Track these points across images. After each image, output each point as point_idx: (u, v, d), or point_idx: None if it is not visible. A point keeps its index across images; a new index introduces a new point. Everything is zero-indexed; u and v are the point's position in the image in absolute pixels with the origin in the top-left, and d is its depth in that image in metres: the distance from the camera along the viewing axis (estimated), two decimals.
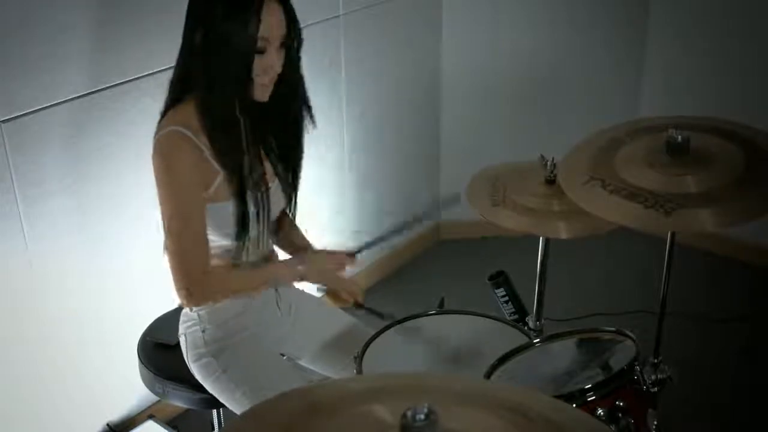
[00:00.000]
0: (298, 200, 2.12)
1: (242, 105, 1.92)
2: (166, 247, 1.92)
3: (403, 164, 3.61)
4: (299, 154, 2.06)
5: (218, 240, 1.96)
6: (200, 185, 1.88)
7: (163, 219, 1.91)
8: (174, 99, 1.92)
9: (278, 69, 1.88)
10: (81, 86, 2.34)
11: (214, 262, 1.98)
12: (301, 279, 2.09)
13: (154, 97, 2.40)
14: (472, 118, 3.72)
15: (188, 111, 1.88)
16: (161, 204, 1.90)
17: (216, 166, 1.89)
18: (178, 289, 1.92)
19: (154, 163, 1.88)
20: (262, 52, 1.83)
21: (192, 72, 1.88)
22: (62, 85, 2.30)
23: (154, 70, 2.45)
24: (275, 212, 2.05)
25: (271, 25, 1.82)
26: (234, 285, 2.01)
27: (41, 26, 2.21)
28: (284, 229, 2.18)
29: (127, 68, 2.43)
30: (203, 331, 2.03)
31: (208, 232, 1.94)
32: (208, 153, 1.88)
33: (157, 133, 1.89)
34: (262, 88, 1.89)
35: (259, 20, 1.79)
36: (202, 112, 1.87)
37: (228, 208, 1.92)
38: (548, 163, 2.25)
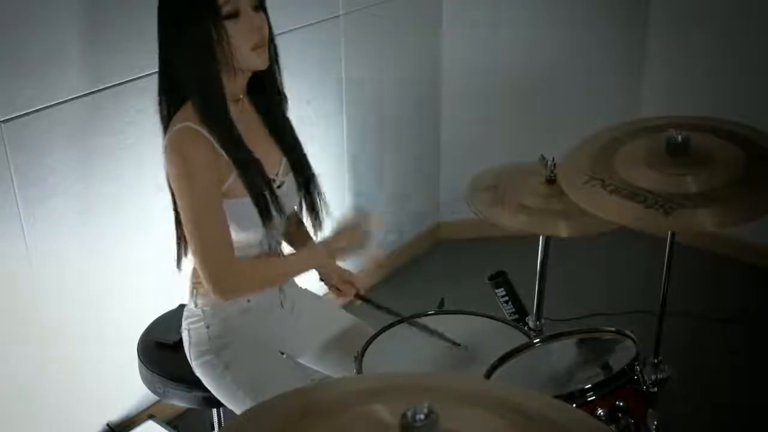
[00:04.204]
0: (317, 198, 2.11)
1: (236, 90, 1.90)
2: (190, 242, 1.90)
3: (403, 164, 3.61)
4: (293, 134, 2.05)
5: (236, 236, 1.95)
6: (216, 179, 1.87)
7: (183, 214, 1.89)
8: (175, 102, 1.90)
9: (266, 30, 1.86)
10: (81, 86, 2.34)
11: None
12: (333, 257, 2.03)
13: (153, 97, 2.40)
14: (472, 118, 3.72)
15: (192, 109, 1.88)
16: (180, 199, 1.87)
17: (228, 159, 1.88)
18: (209, 282, 1.90)
19: (168, 160, 1.86)
20: (235, 15, 1.80)
21: (176, 72, 1.87)
22: (62, 85, 2.30)
23: (154, 70, 2.45)
24: (288, 206, 2.03)
25: None
26: (266, 273, 1.98)
27: (41, 26, 2.20)
28: (293, 228, 2.19)
29: (127, 68, 2.43)
30: (207, 327, 2.03)
31: None
32: (219, 147, 1.87)
33: (168, 132, 1.88)
34: (256, 54, 1.85)
35: (215, 17, 1.77)
36: (197, 107, 1.86)
37: (244, 204, 1.91)
38: (548, 162, 2.25)
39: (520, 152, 2.45)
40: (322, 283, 2.23)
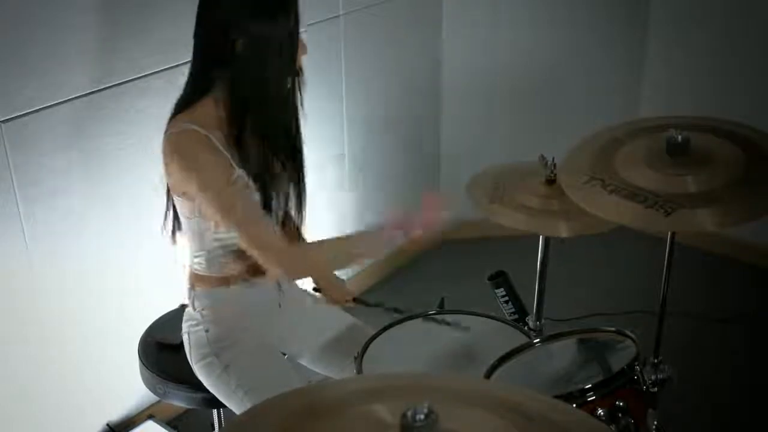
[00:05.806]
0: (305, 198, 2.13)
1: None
2: (236, 231, 1.91)
3: (403, 164, 3.61)
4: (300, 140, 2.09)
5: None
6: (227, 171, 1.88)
7: (209, 207, 1.89)
8: (190, 100, 1.91)
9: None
10: (81, 86, 2.34)
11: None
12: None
13: (153, 97, 2.41)
14: (472, 118, 3.72)
15: (204, 111, 1.88)
16: (201, 193, 1.87)
17: (231, 161, 1.88)
18: (272, 265, 1.93)
19: (175, 161, 1.87)
20: None
21: (232, 78, 1.88)
22: (62, 85, 2.30)
23: (154, 70, 2.45)
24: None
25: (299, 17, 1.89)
26: (329, 253, 2.03)
27: (41, 26, 2.20)
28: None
29: (127, 68, 2.43)
30: (206, 331, 2.03)
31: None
32: (222, 148, 1.87)
33: (168, 130, 1.89)
34: None
35: (298, 15, 1.86)
36: (258, 112, 1.89)
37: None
38: (548, 162, 2.25)
39: (520, 152, 2.45)
40: None
